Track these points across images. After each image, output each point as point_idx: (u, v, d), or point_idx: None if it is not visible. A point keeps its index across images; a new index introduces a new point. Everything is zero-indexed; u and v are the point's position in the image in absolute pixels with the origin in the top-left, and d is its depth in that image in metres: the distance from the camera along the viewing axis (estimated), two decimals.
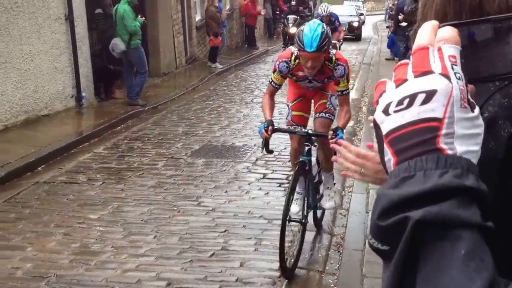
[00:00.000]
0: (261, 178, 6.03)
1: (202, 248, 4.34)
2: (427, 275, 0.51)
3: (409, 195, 0.53)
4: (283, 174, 6.13)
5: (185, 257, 4.20)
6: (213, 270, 4.01)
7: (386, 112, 0.58)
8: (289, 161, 5.17)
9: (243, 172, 6.23)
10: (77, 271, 3.98)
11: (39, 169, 6.31)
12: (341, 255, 4.29)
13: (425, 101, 0.55)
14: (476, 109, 0.58)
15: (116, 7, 9.32)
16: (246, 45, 19.22)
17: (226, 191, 5.60)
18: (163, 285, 3.80)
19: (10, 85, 7.60)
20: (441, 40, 0.59)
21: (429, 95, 0.55)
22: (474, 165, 0.55)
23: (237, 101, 10.46)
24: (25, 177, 6.02)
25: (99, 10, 9.88)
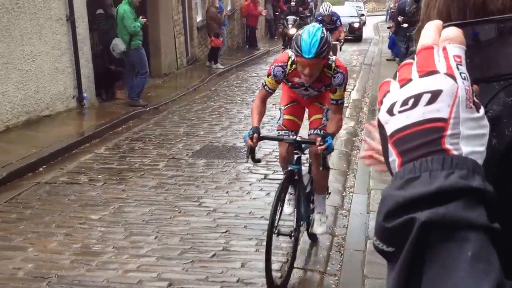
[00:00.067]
0: (262, 178, 6.03)
1: (203, 248, 4.35)
2: (433, 277, 0.51)
3: (415, 196, 0.52)
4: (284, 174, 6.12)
5: (186, 257, 4.21)
6: (214, 270, 4.01)
7: (390, 112, 0.57)
8: None
9: (244, 172, 6.24)
10: (78, 272, 3.99)
11: (41, 169, 6.32)
12: (342, 256, 4.29)
13: (430, 101, 0.55)
14: (481, 109, 0.57)
15: (117, 7, 9.34)
16: (247, 45, 19.24)
17: (227, 192, 5.60)
18: (164, 285, 3.81)
19: (11, 86, 7.61)
20: (445, 39, 0.58)
21: (435, 95, 0.55)
22: (479, 166, 0.55)
23: (238, 101, 10.46)
24: (27, 178, 6.03)
25: (100, 10, 9.89)
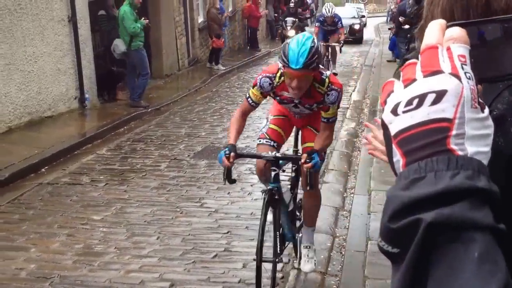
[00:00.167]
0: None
1: (205, 249, 4.36)
2: (439, 278, 0.50)
3: (420, 197, 0.52)
4: (285, 175, 6.12)
5: (188, 258, 4.22)
6: (216, 271, 4.03)
7: (394, 112, 0.57)
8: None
9: (245, 173, 6.25)
10: (80, 272, 4.01)
11: (43, 170, 6.34)
12: (343, 257, 4.30)
13: (435, 101, 0.54)
14: (486, 109, 0.57)
15: (119, 8, 9.36)
16: (248, 47, 19.24)
17: (228, 193, 5.61)
18: (166, 286, 3.82)
19: (13, 87, 7.63)
20: (450, 39, 0.58)
21: (439, 95, 0.55)
22: (485, 166, 0.54)
23: (239, 102, 10.45)
24: (29, 178, 6.05)
25: (102, 11, 9.92)
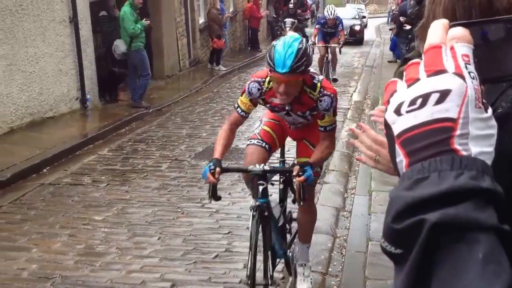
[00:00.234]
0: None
1: (206, 249, 4.38)
2: (443, 279, 0.50)
3: (424, 197, 0.51)
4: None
5: (189, 258, 4.23)
6: (216, 271, 4.04)
7: (398, 112, 0.56)
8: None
9: None
10: (82, 272, 4.02)
11: (44, 170, 6.36)
12: (344, 257, 4.31)
13: (439, 101, 0.54)
14: (489, 109, 0.57)
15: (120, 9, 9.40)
16: (249, 47, 19.25)
17: (229, 193, 5.62)
18: (167, 286, 3.84)
19: (15, 87, 7.65)
20: (453, 38, 0.57)
21: (443, 94, 0.54)
22: (488, 166, 0.54)
23: None
24: (31, 179, 6.06)
25: (104, 12, 9.93)
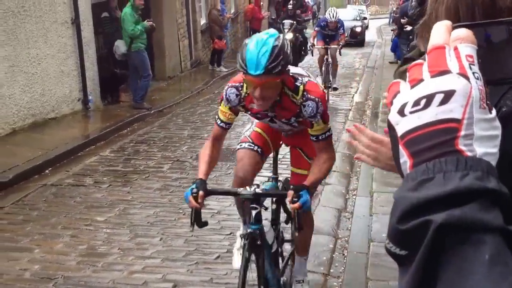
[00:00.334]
0: (265, 181, 6.04)
1: (207, 250, 4.38)
2: (449, 280, 0.49)
3: (429, 198, 0.51)
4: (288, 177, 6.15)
5: (190, 259, 4.24)
6: (218, 272, 4.05)
7: (401, 113, 0.56)
8: None
9: None
10: (84, 273, 4.03)
11: (47, 171, 6.37)
12: (345, 258, 4.32)
13: (443, 102, 0.54)
14: (493, 110, 0.56)
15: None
16: None
17: None
18: (169, 286, 3.85)
19: (17, 89, 7.67)
20: (457, 39, 0.57)
21: (448, 95, 0.54)
22: (493, 167, 0.54)
23: None
24: (33, 180, 6.08)
25: (106, 13, 9.96)
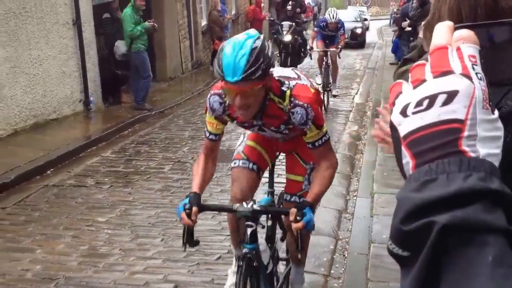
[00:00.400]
0: (266, 182, 6.06)
1: (208, 251, 4.39)
2: (453, 282, 0.49)
3: (433, 199, 0.51)
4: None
5: (192, 260, 4.26)
6: (219, 273, 4.06)
7: (404, 113, 0.56)
8: None
9: None
10: (85, 273, 4.05)
11: (48, 172, 6.39)
12: (346, 259, 4.33)
13: (446, 102, 0.54)
14: (496, 111, 0.56)
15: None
16: None
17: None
18: (170, 287, 3.86)
19: (19, 90, 7.69)
20: (459, 39, 0.57)
21: (451, 95, 0.54)
22: (496, 168, 0.53)
23: None
24: (34, 181, 6.10)
25: (107, 14, 9.97)
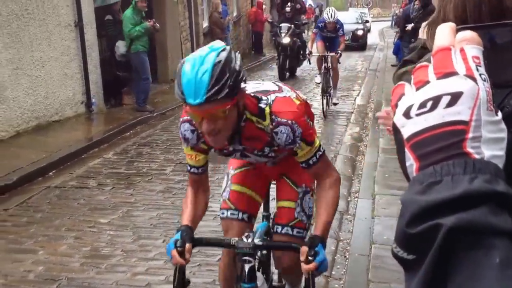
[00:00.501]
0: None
1: (210, 252, 4.40)
2: (460, 285, 0.49)
3: (438, 201, 0.50)
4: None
5: (193, 261, 4.25)
6: None
7: (407, 115, 0.55)
8: None
9: None
10: (88, 274, 4.06)
11: (50, 174, 6.41)
12: (347, 260, 4.33)
13: (450, 104, 0.53)
14: (499, 113, 0.56)
15: None
16: (253, 51, 19.31)
17: None
18: None
19: (21, 91, 7.72)
20: (462, 40, 0.57)
21: (455, 97, 0.53)
22: (501, 170, 0.53)
23: None
24: (37, 182, 6.12)
25: (109, 16, 9.99)
